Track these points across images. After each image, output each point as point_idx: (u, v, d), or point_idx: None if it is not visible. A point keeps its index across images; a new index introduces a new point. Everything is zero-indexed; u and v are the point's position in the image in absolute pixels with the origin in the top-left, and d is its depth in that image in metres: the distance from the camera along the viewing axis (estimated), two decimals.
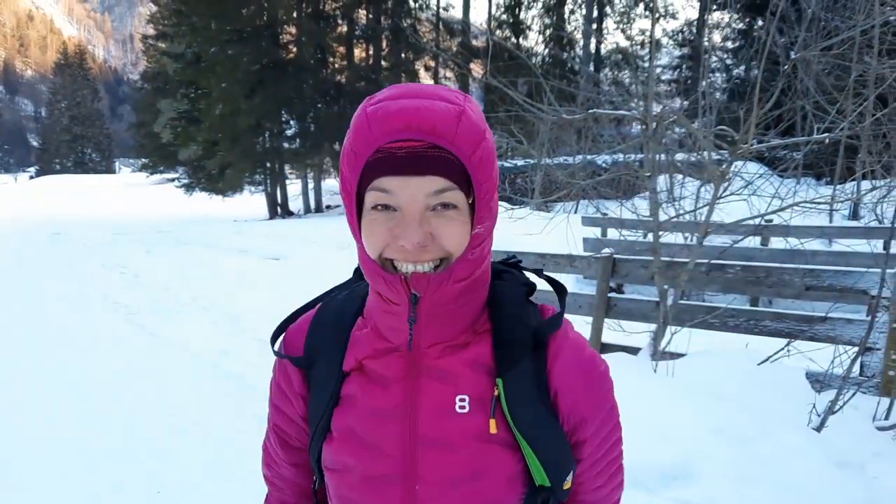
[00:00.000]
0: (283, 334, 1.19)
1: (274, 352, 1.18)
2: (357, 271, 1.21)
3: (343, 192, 1.00)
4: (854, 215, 11.45)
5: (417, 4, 29.87)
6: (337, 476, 1.07)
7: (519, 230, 7.48)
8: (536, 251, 7.01)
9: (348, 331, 1.12)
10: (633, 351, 5.36)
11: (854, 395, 4.16)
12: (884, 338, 4.85)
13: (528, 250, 7.06)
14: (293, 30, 26.64)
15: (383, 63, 28.69)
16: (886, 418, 4.25)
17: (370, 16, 28.43)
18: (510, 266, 1.18)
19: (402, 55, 28.72)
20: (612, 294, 6.89)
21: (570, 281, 9.61)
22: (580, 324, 6.07)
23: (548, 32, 33.07)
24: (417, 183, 0.93)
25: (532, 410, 1.02)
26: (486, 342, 1.06)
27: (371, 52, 28.93)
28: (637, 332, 5.64)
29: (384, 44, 28.76)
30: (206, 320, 8.21)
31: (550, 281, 1.16)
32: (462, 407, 1.02)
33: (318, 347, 1.12)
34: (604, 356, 5.71)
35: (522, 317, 1.07)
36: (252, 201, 29.92)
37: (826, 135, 4.85)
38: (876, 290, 4.90)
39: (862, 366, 4.96)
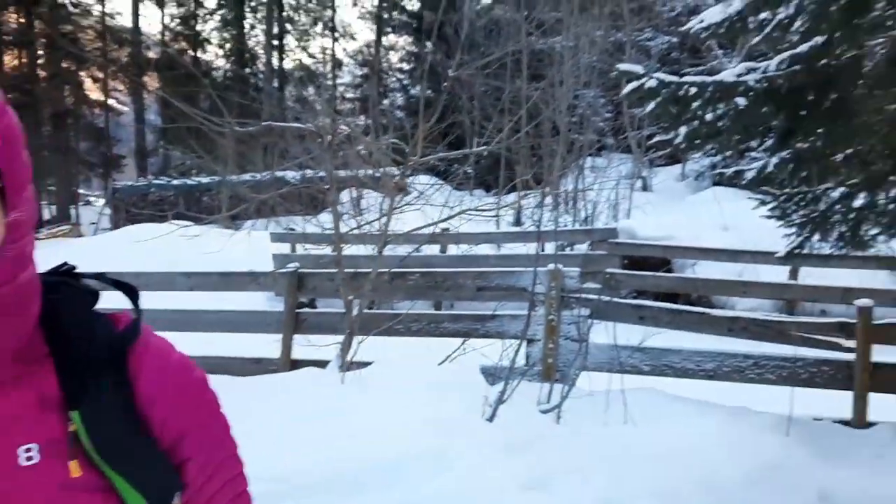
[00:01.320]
0: None
1: None
2: None
3: None
4: (517, 221, 12.82)
5: (78, 10, 27.19)
6: None
7: (201, 248, 7.10)
8: (220, 270, 6.71)
9: None
10: (323, 364, 5.36)
11: (519, 383, 4.57)
12: (542, 329, 5.44)
13: (213, 269, 6.75)
14: None
15: (41, 72, 25.62)
16: (548, 401, 4.75)
17: (21, 20, 25.24)
18: (63, 275, 0.99)
19: (63, 64, 25.92)
20: (304, 309, 6.85)
21: (261, 299, 9.38)
22: (269, 342, 5.93)
23: (227, 47, 32.23)
24: None
25: (121, 439, 0.88)
26: (48, 370, 0.88)
27: (25, 59, 25.69)
28: (327, 346, 5.65)
29: (39, 51, 25.72)
30: None
31: (116, 284, 1.01)
32: (29, 458, 0.85)
33: None
34: (293, 372, 5.58)
35: (91, 331, 0.91)
36: None
37: (483, 148, 5.32)
38: (538, 287, 5.48)
39: (527, 356, 5.51)
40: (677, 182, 15.73)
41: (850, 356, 4.87)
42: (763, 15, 3.46)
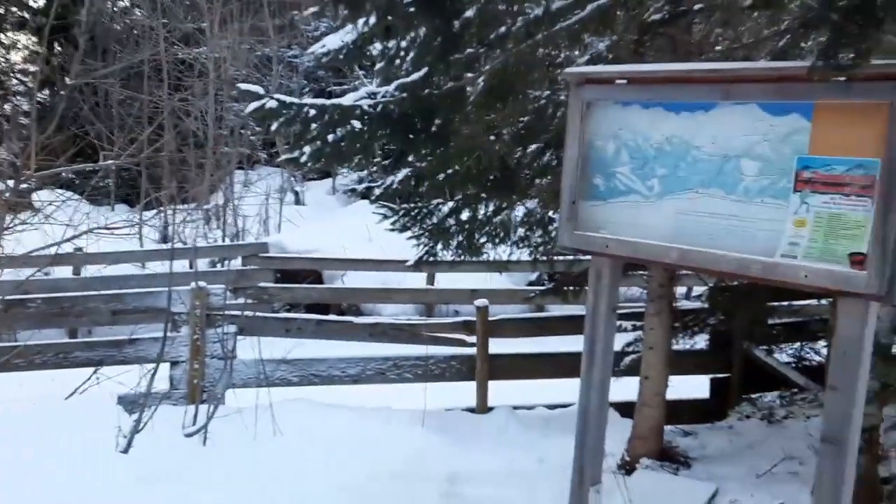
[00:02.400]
0: None
1: None
2: None
3: None
4: (165, 238, 12.15)
5: None
6: None
7: None
8: None
9: None
10: None
11: (157, 409, 4.35)
12: (187, 350, 5.24)
13: None
14: None
15: None
16: (193, 424, 4.58)
17: None
18: None
19: None
20: None
21: None
22: None
23: None
24: None
25: None
26: None
27: None
28: None
29: None
30: None
31: None
32: None
33: None
34: None
35: None
36: None
37: (112, 162, 4.96)
38: (176, 307, 5.26)
39: (172, 379, 5.26)
40: (329, 196, 16.26)
41: (473, 350, 5.52)
42: (381, 45, 3.79)
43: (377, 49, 3.87)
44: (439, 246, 4.87)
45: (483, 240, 4.59)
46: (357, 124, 3.25)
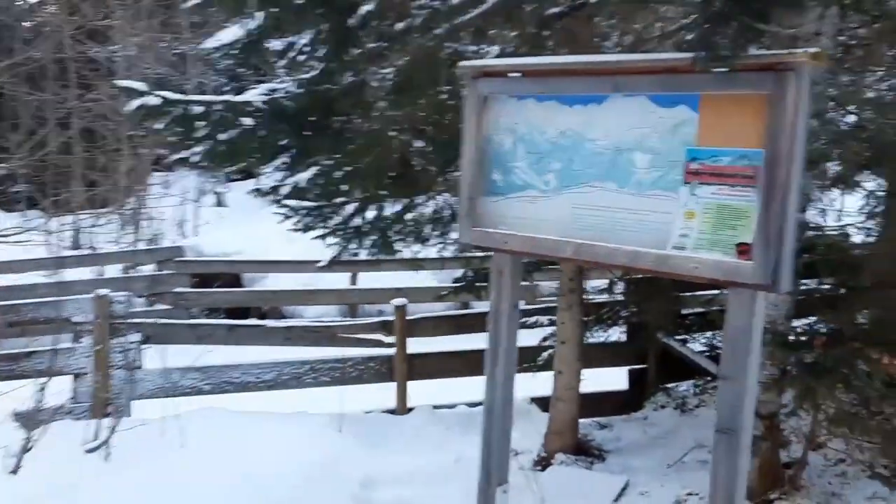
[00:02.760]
0: None
1: None
2: None
3: None
4: (76, 244, 11.65)
5: None
6: None
7: None
8: None
9: None
10: None
11: (49, 425, 4.13)
12: (91, 362, 5.00)
13: None
14: None
15: None
16: (95, 439, 4.36)
17: None
18: None
19: None
20: None
21: None
22: None
23: None
24: None
25: None
26: None
27: None
28: None
29: None
30: None
31: None
32: None
33: None
34: None
35: None
36: None
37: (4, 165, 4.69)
38: (80, 316, 5.02)
39: (74, 393, 5.01)
40: (252, 197, 15.87)
41: (392, 351, 5.43)
42: (281, 41, 3.66)
43: (279, 45, 3.75)
44: (353, 245, 4.77)
45: (397, 238, 4.52)
46: (250, 122, 3.13)
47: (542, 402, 4.97)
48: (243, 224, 12.57)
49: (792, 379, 3.11)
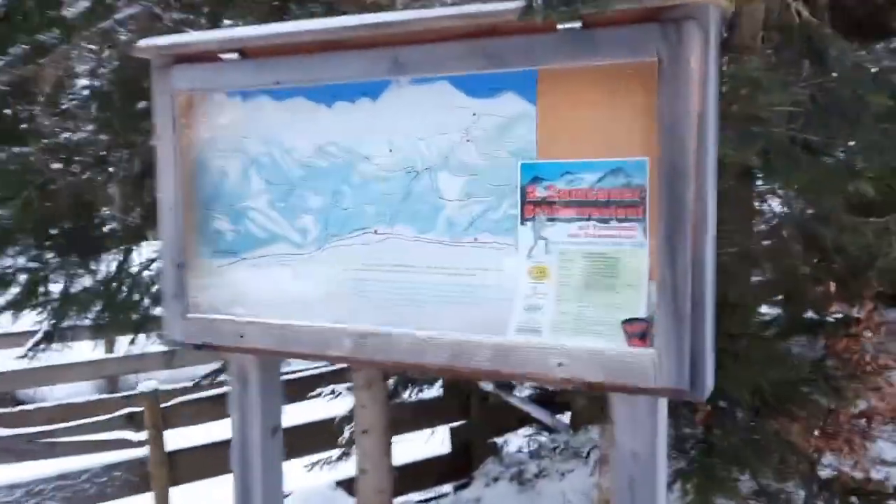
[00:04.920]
0: None
1: None
2: None
3: None
4: None
5: None
6: None
7: None
8: None
9: None
10: None
11: None
12: None
13: None
14: None
15: None
16: None
17: None
18: None
19: None
20: None
21: None
22: None
23: None
24: None
25: None
26: None
27: None
28: None
29: None
30: None
31: None
32: None
33: None
34: None
35: None
36: None
37: None
38: None
39: None
40: None
41: (144, 451, 4.12)
42: None
43: None
44: (70, 316, 3.42)
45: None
46: None
47: (349, 485, 3.94)
48: None
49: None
